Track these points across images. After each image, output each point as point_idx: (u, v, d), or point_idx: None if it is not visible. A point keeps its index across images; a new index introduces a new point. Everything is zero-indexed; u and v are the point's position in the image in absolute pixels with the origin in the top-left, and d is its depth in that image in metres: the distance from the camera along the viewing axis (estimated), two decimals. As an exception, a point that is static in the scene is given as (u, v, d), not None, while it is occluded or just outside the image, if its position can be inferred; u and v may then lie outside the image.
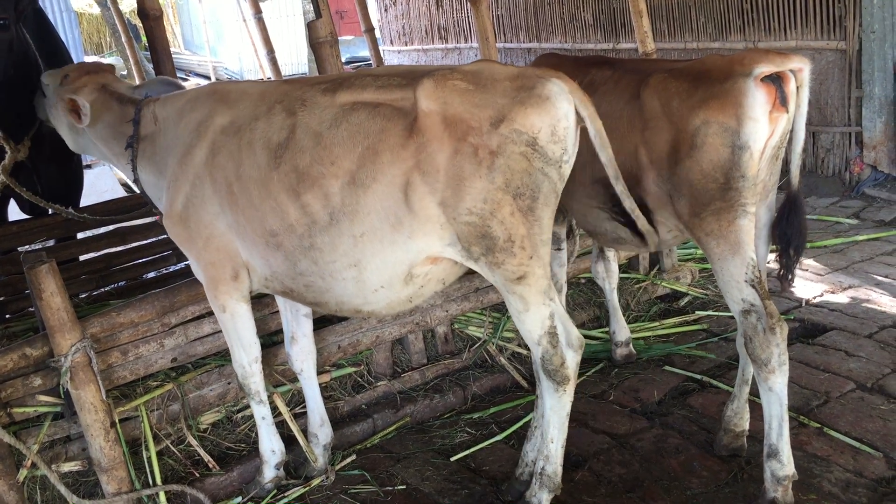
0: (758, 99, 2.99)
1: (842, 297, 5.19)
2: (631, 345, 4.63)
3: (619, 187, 3.02)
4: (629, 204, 3.07)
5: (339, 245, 3.00)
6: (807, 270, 5.68)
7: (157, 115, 3.46)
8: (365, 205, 2.90)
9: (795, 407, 3.93)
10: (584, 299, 5.03)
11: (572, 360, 3.09)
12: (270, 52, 8.52)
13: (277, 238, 3.10)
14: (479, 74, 2.83)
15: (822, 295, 5.25)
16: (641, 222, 3.15)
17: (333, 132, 2.93)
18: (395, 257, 2.97)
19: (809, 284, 5.42)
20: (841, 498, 3.29)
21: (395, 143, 2.83)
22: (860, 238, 6.21)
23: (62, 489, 3.41)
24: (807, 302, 5.17)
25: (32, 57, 4.54)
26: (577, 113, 2.84)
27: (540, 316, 2.96)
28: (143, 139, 3.49)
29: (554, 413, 3.13)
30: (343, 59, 4.19)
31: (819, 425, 3.78)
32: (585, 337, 4.75)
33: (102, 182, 10.11)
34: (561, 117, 2.77)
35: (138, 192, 3.71)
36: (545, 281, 2.93)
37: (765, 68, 3.00)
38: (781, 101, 3.01)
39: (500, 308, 4.61)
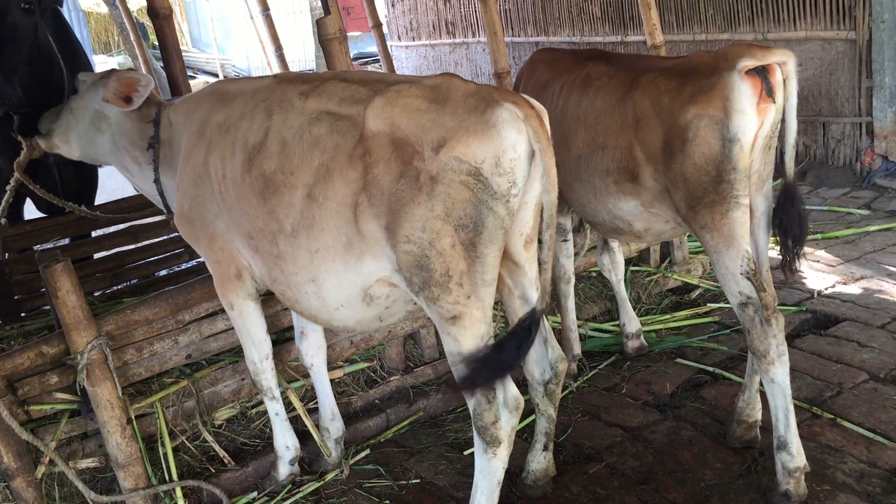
0: (744, 91, 3.05)
1: (854, 288, 5.18)
2: (642, 337, 4.64)
3: (546, 236, 2.74)
4: (544, 254, 2.77)
5: (299, 258, 2.95)
6: (818, 261, 5.67)
7: (171, 119, 3.48)
8: (320, 221, 2.84)
9: (808, 398, 3.93)
10: (594, 293, 5.04)
11: (507, 421, 2.90)
12: (279, 48, 8.51)
13: (254, 241, 3.11)
14: (437, 90, 2.68)
15: (833, 286, 5.24)
16: (545, 277, 2.82)
17: (296, 142, 2.89)
18: (347, 278, 2.89)
19: (821, 275, 5.41)
20: (855, 488, 3.30)
21: (345, 162, 2.75)
22: (872, 228, 6.20)
23: (80, 485, 3.44)
24: (819, 293, 5.16)
25: (56, 59, 4.53)
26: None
27: None
28: (163, 144, 3.51)
29: (483, 478, 2.92)
30: (350, 56, 4.19)
31: (832, 416, 3.78)
32: (597, 330, 4.82)
33: (112, 181, 10.13)
34: (507, 148, 2.56)
35: (147, 194, 3.72)
36: (483, 326, 2.73)
37: (748, 62, 3.06)
38: (768, 93, 3.05)
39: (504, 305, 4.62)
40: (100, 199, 5.52)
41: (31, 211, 5.40)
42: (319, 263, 2.91)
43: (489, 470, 2.90)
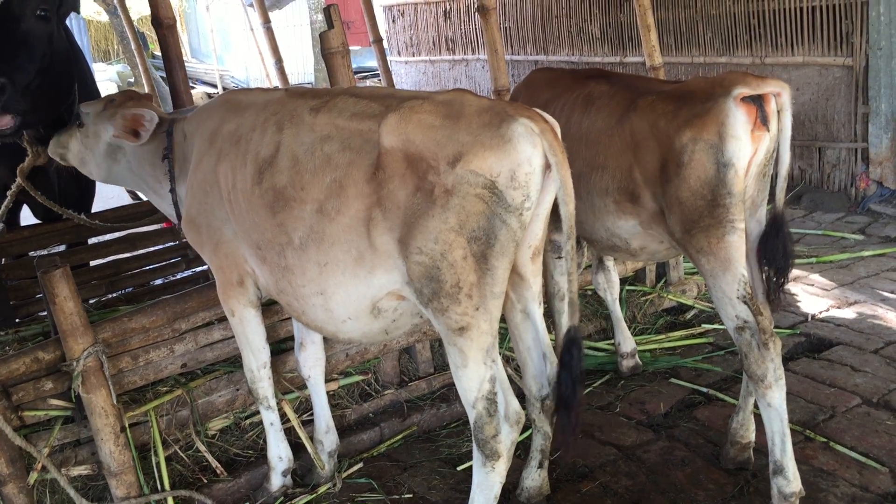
0: (738, 118, 3.09)
1: (848, 313, 5.20)
2: (637, 356, 4.65)
3: (568, 247, 2.80)
4: (568, 265, 2.84)
5: (307, 270, 2.97)
6: (813, 285, 5.70)
7: (185, 131, 3.51)
8: (330, 235, 2.87)
9: (801, 421, 3.94)
10: (590, 311, 5.05)
11: (507, 435, 2.93)
12: (278, 60, 8.54)
13: (261, 252, 3.13)
14: (450, 106, 2.72)
15: (828, 310, 5.27)
16: (572, 289, 2.88)
17: (307, 158, 2.91)
18: (357, 291, 2.91)
19: (815, 299, 5.43)
20: (847, 512, 3.31)
21: (359, 178, 2.78)
22: (866, 254, 6.23)
23: (72, 493, 3.43)
24: (813, 317, 5.18)
25: (72, 67, 4.51)
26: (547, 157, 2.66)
27: (478, 376, 2.78)
28: (178, 158, 3.53)
29: (480, 491, 2.93)
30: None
31: (825, 440, 3.79)
32: (592, 349, 4.82)
33: (109, 189, 10.13)
34: (522, 162, 2.60)
35: (163, 209, 3.74)
36: (489, 338, 2.77)
37: (743, 90, 3.11)
38: (762, 121, 3.10)
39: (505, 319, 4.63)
40: (96, 207, 5.52)
41: (26, 217, 5.39)
42: (328, 276, 2.93)
43: (487, 484, 2.91)
